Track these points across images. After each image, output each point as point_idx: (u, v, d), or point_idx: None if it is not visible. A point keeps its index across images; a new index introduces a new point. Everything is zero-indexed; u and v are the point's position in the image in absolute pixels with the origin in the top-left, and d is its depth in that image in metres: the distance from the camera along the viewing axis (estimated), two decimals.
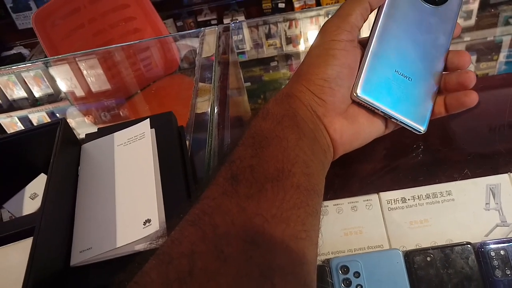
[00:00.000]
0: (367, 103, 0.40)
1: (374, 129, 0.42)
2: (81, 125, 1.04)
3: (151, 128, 0.44)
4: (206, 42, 0.69)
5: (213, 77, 0.56)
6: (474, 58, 0.83)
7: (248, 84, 0.94)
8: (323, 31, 0.38)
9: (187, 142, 0.45)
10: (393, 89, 0.41)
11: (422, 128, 0.42)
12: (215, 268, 0.25)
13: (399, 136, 0.50)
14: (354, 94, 0.40)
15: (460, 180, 0.46)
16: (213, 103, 0.49)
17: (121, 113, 1.12)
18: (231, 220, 0.27)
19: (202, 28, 0.75)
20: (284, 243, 0.27)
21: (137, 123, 0.45)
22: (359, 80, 0.40)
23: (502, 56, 0.84)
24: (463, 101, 0.41)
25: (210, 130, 0.45)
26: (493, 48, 0.86)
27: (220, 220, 0.27)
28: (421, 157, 0.49)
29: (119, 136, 0.45)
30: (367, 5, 0.39)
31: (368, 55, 0.41)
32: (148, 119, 0.44)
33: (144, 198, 0.37)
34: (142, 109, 1.29)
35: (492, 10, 0.98)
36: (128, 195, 0.39)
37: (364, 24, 0.41)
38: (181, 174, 0.39)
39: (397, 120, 0.42)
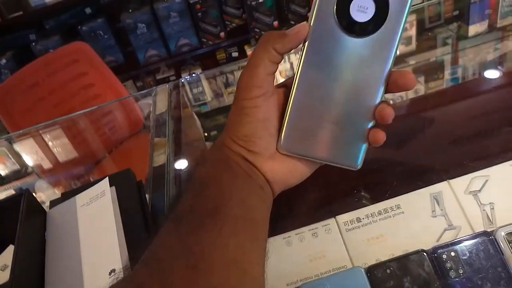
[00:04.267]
0: (293, 155, 0.40)
1: (309, 165, 0.42)
2: (51, 197, 1.03)
3: (111, 186, 0.47)
4: (159, 100, 0.74)
5: (167, 131, 0.59)
6: (422, 79, 0.89)
7: (215, 132, 0.97)
8: (237, 88, 0.39)
9: (148, 195, 0.48)
10: (319, 136, 0.40)
11: (355, 166, 0.41)
12: None
13: None
14: (278, 148, 0.40)
15: (406, 193, 0.50)
16: (169, 155, 0.53)
17: (91, 179, 1.10)
18: (173, 253, 0.31)
19: (154, 87, 0.80)
20: (224, 265, 0.31)
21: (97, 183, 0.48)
22: (282, 133, 0.39)
23: (447, 74, 0.91)
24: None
25: (167, 181, 0.48)
26: (437, 67, 0.92)
27: (164, 255, 0.31)
28: (368, 177, 0.53)
29: (81, 197, 0.47)
30: (273, 51, 0.37)
31: (289, 105, 0.39)
32: (107, 178, 0.47)
33: (108, 250, 0.39)
34: (111, 171, 1.29)
35: (429, 33, 1.06)
36: (93, 250, 0.41)
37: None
38: (142, 224, 0.42)
39: (327, 163, 0.41)
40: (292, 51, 0.39)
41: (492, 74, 0.78)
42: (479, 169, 0.50)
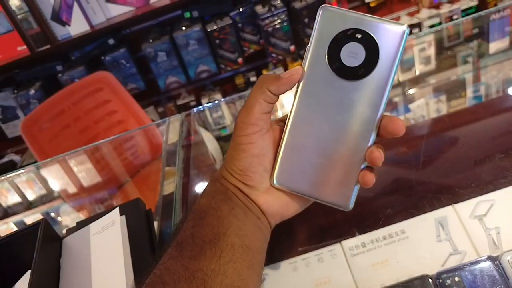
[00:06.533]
0: (285, 190, 0.41)
1: (303, 200, 0.43)
2: (75, 220, 1.06)
3: (121, 215, 0.50)
4: (171, 130, 0.77)
5: (177, 161, 0.62)
6: (443, 97, 0.89)
7: None
8: (235, 125, 0.41)
9: (157, 223, 0.51)
10: (311, 174, 0.40)
11: (347, 207, 0.40)
12: None
13: None
14: (271, 182, 0.41)
15: (410, 218, 0.50)
16: (178, 184, 0.55)
17: (114, 203, 1.12)
18: (177, 277, 0.33)
19: (167, 118, 0.83)
20: None
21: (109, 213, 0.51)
22: (275, 168, 0.41)
23: (469, 92, 0.91)
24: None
25: (175, 209, 0.50)
26: (459, 86, 0.92)
27: (168, 278, 0.34)
28: (372, 202, 0.53)
29: (94, 226, 0.50)
30: (268, 93, 0.39)
31: (283, 142, 0.41)
32: (118, 207, 0.50)
33: (115, 277, 0.42)
34: (133, 196, 1.32)
35: (449, 52, 1.06)
36: (102, 277, 0.44)
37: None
38: (149, 252, 0.45)
39: (320, 201, 0.41)
40: None
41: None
42: (485, 193, 0.50)
